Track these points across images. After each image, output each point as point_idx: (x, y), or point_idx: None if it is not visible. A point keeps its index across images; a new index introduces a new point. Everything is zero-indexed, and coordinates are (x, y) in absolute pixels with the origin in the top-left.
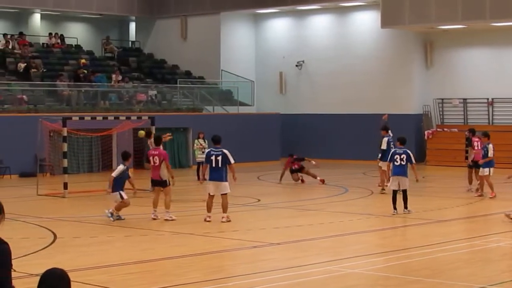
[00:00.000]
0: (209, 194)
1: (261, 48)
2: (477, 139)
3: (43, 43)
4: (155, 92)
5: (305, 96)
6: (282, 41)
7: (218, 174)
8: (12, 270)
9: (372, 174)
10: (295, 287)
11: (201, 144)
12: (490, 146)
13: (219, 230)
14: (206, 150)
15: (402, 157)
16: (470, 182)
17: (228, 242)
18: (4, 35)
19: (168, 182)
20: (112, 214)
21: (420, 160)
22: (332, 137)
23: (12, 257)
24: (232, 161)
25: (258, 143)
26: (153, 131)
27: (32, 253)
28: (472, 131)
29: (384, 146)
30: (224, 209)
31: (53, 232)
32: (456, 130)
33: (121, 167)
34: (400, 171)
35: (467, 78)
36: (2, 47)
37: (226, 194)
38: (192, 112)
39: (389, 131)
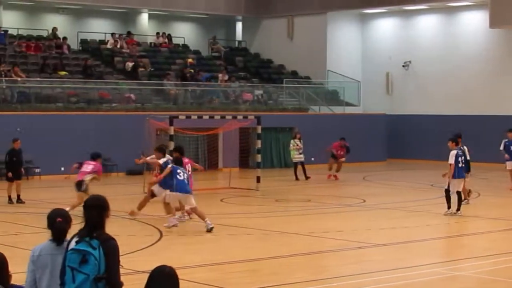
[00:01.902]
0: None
1: (367, 48)
2: None
3: (150, 43)
4: (261, 91)
5: (411, 97)
6: (388, 41)
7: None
8: (120, 265)
9: (480, 176)
10: None
11: (297, 145)
12: None
13: (324, 230)
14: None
15: None
16: None
17: (333, 242)
18: (113, 34)
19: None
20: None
21: None
22: (439, 138)
23: (120, 254)
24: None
25: (364, 143)
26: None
27: (138, 250)
28: None
29: None
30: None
31: (159, 230)
32: None
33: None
34: None
35: None
36: (110, 47)
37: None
38: (298, 112)
39: None
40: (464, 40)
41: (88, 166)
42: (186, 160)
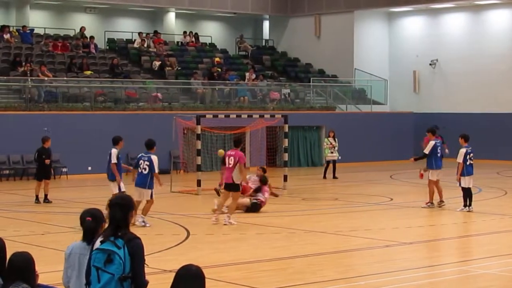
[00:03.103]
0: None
1: (394, 46)
2: None
3: (177, 42)
4: (288, 90)
5: (438, 95)
6: (415, 39)
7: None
8: (145, 264)
9: (507, 173)
10: (427, 287)
11: (331, 143)
12: None
13: (351, 228)
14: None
15: None
16: None
17: (360, 241)
18: (140, 33)
19: (239, 186)
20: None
21: None
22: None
23: (147, 253)
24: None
25: (391, 141)
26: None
27: (166, 249)
28: None
29: None
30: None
31: (186, 229)
32: None
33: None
34: None
35: None
36: (137, 46)
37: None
38: (325, 110)
39: None
40: (491, 39)
41: None
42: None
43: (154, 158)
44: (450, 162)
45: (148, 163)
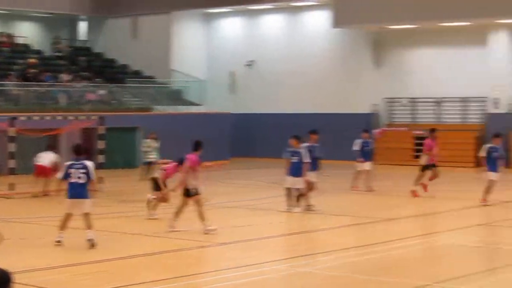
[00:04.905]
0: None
1: (212, 47)
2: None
3: None
4: (104, 91)
5: (256, 95)
6: (233, 40)
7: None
8: None
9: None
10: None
11: (150, 145)
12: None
13: (167, 230)
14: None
15: None
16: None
17: (179, 242)
18: None
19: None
20: None
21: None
22: (282, 136)
23: None
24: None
25: (208, 142)
26: None
27: None
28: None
29: None
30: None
31: None
32: (405, 129)
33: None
34: None
35: (416, 77)
36: None
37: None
38: (142, 111)
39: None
40: (308, 40)
41: None
42: None
43: (90, 164)
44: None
45: (82, 170)
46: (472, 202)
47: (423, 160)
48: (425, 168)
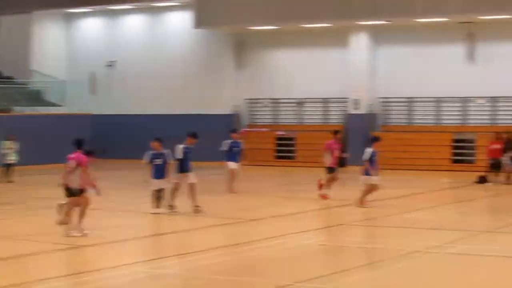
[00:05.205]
0: None
1: (73, 47)
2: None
3: None
4: None
5: (117, 97)
6: (94, 41)
7: None
8: None
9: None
10: None
11: (9, 147)
12: None
13: (28, 233)
14: None
15: None
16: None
17: (39, 245)
18: None
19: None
20: None
21: None
22: (145, 137)
23: None
24: None
25: (67, 143)
26: None
27: None
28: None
29: None
30: None
31: None
32: (266, 129)
33: None
34: None
35: (278, 78)
36: None
37: None
38: (0, 112)
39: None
40: (169, 41)
41: None
42: None
43: None
44: None
45: None
46: (336, 202)
47: (327, 161)
48: (330, 170)
